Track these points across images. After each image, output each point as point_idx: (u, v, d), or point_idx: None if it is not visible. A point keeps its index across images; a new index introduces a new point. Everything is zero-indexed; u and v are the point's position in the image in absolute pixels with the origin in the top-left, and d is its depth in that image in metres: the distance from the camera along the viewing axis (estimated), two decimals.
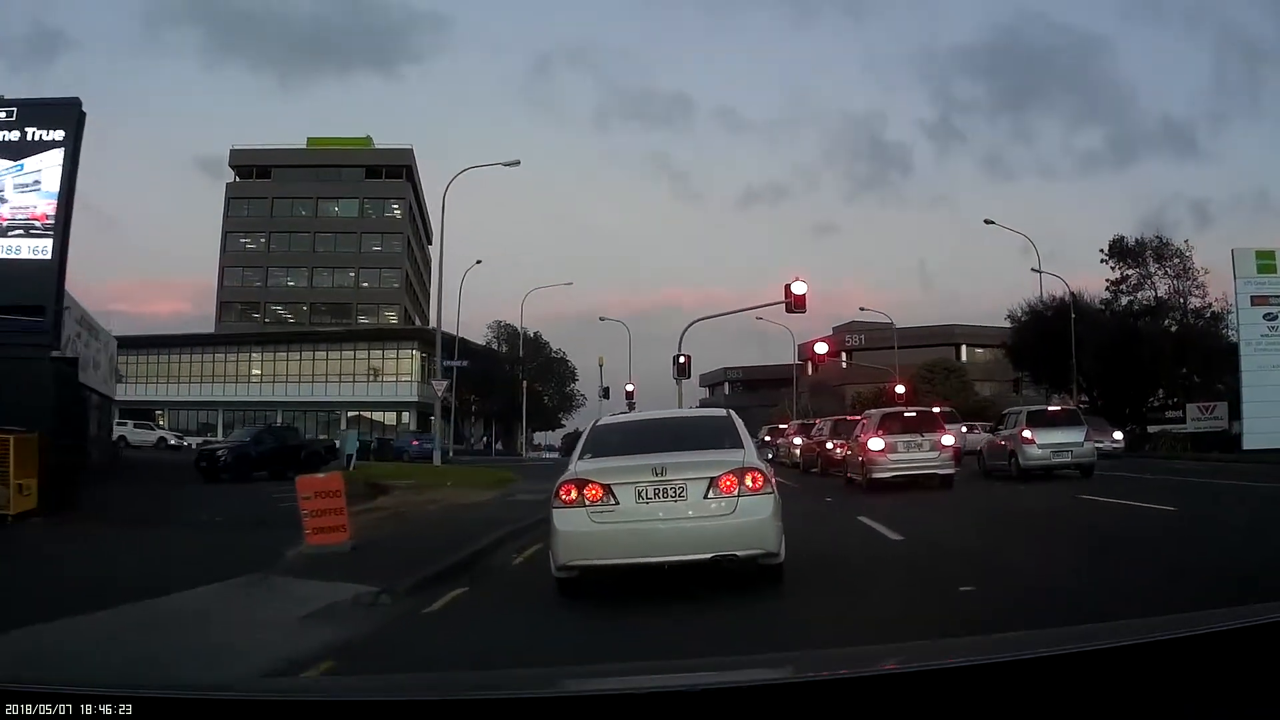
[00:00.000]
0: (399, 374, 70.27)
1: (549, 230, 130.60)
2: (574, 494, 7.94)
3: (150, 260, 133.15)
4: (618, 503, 7.86)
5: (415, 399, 68.98)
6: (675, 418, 11.21)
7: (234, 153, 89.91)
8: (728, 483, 7.95)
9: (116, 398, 37.63)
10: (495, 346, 74.63)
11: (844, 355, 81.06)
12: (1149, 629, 2.04)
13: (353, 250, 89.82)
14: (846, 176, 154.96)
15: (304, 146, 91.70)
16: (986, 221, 48.35)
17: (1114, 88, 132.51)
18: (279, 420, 67.95)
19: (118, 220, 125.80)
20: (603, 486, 7.90)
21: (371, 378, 70.31)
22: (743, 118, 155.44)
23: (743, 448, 8.60)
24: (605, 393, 63.66)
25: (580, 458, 8.61)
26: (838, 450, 27.34)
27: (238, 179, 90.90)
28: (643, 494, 7.90)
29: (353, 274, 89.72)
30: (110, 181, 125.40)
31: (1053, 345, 44.46)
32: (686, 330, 39.06)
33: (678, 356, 37.48)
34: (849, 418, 30.97)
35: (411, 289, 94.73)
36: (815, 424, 34.48)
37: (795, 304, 32.78)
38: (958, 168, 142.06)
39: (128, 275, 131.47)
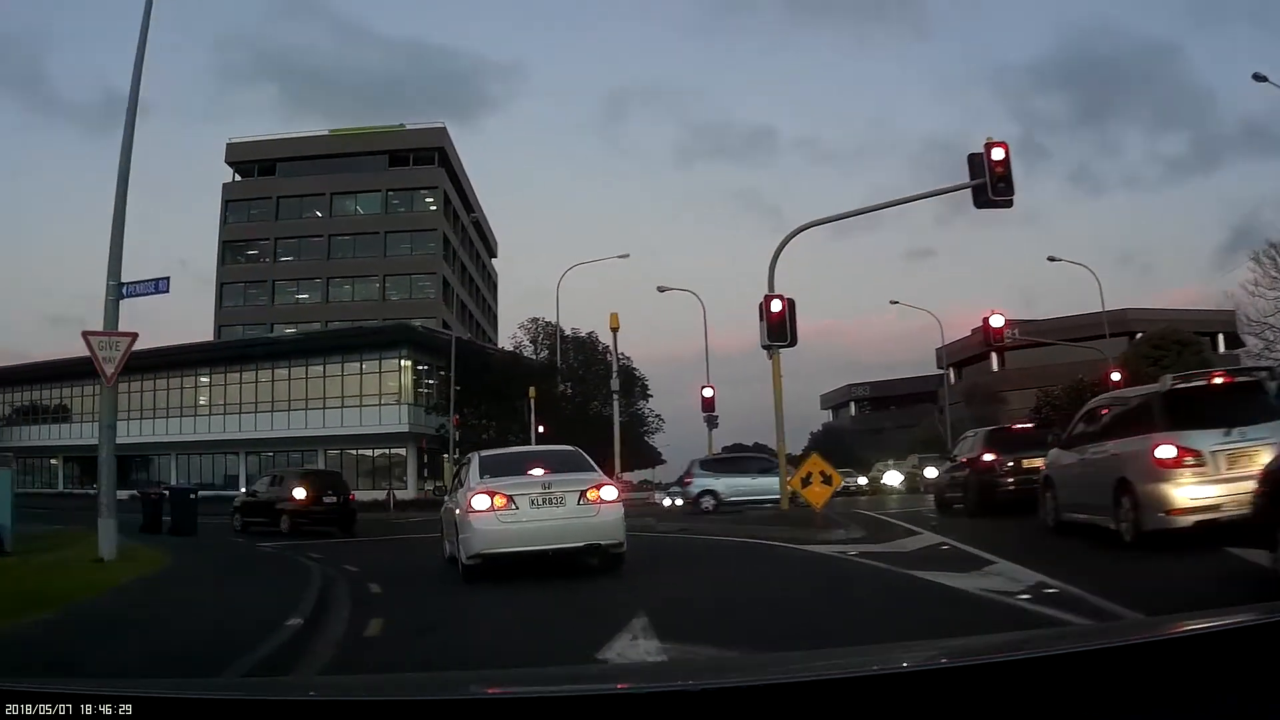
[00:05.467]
0: (382, 393, 52.71)
1: (633, 268, 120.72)
2: (485, 502, 11.01)
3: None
4: (517, 508, 11.03)
5: (406, 427, 51.70)
6: (539, 449, 17.02)
7: (231, 147, 75.41)
8: (593, 494, 11.33)
9: None
10: (533, 354, 55.99)
11: (994, 358, 70.74)
12: (1149, 629, 2.21)
13: (376, 255, 73.87)
14: (937, 200, 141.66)
15: (312, 134, 76.66)
16: (1050, 259, 44.27)
17: (1190, 92, 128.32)
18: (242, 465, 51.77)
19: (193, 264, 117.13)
20: (507, 496, 11.07)
21: (343, 401, 52.55)
22: (825, 147, 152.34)
23: (596, 470, 12.15)
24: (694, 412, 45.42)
25: (481, 478, 11.64)
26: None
27: (237, 177, 76.29)
28: (535, 502, 11.13)
29: (377, 284, 73.69)
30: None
31: None
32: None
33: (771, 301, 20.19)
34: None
35: (455, 298, 78.07)
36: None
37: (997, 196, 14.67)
38: (1045, 184, 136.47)
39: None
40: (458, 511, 11.70)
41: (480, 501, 10.96)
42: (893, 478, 43.90)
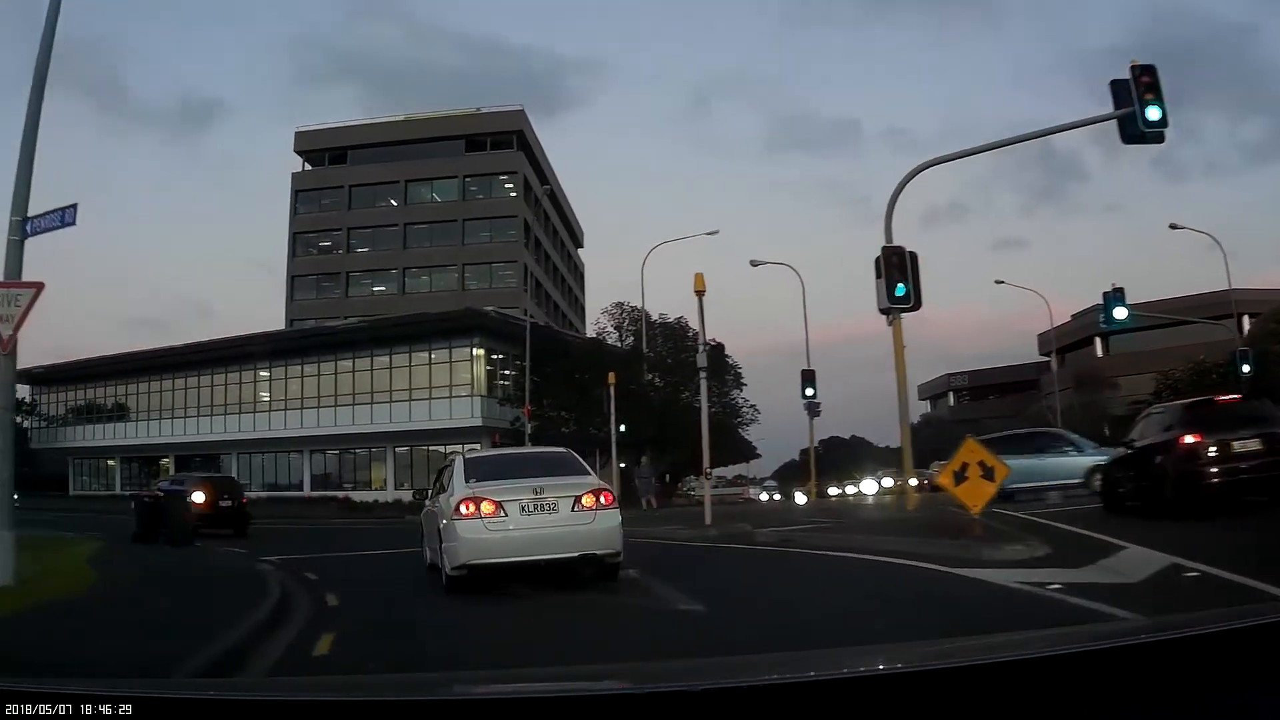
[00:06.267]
0: (453, 384, 47.97)
1: (721, 260, 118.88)
2: (472, 508, 10.15)
3: None
4: (507, 515, 10.15)
5: (480, 421, 46.71)
6: (528, 452, 16.92)
7: (300, 135, 72.46)
8: (588, 500, 10.43)
9: None
10: (619, 341, 51.07)
11: (1098, 343, 69.68)
12: (1150, 629, 2.19)
13: (454, 244, 69.94)
14: (1021, 188, 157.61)
15: (384, 120, 73.25)
16: (1172, 226, 41.44)
17: (1271, 73, 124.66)
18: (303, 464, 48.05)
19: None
20: (495, 503, 10.17)
21: (410, 394, 47.97)
22: (909, 137, 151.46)
23: (591, 474, 11.45)
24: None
25: (467, 482, 10.64)
26: None
27: (307, 166, 73.20)
28: (526, 508, 10.22)
29: (456, 273, 69.72)
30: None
31: None
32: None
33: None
34: None
35: (539, 287, 73.80)
36: None
37: None
38: (1126, 172, 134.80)
39: None
40: (442, 519, 10.89)
41: (467, 507, 10.31)
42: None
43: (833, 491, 56.14)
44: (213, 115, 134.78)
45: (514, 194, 71.57)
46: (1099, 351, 70.40)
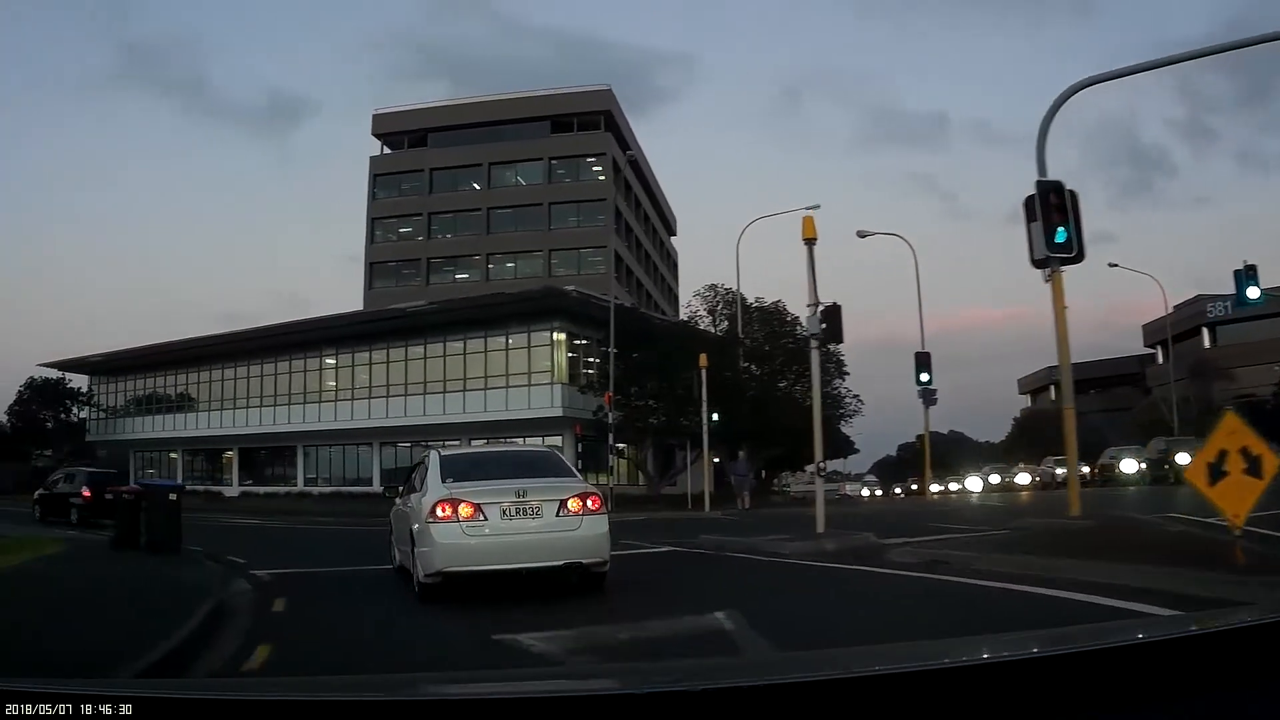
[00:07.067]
0: (532, 371, 43.77)
1: (803, 267, 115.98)
2: (449, 511, 9.30)
3: None
4: (486, 519, 9.33)
5: (560, 410, 42.62)
6: (509, 450, 14.74)
7: (378, 118, 69.87)
8: (574, 504, 9.59)
9: None
10: (712, 325, 46.80)
11: (1205, 333, 69.82)
12: (1150, 629, 2.21)
13: (540, 229, 66.51)
14: (1110, 182, 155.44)
15: (466, 101, 70.24)
16: None
17: None
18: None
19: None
20: (474, 505, 9.34)
21: (485, 381, 44.16)
22: (996, 130, 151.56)
23: (576, 475, 10.81)
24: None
25: (443, 481, 9.80)
26: None
27: (386, 150, 70.57)
28: (506, 512, 9.40)
29: (542, 259, 66.26)
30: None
31: None
32: None
33: None
34: None
35: (629, 275, 69.95)
36: None
37: None
38: (1214, 166, 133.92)
39: None
40: (414, 521, 9.98)
41: (443, 510, 9.40)
42: (1128, 465, 40.59)
43: (934, 489, 52.99)
44: (300, 113, 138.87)
45: (602, 177, 67.77)
46: (1206, 342, 69.79)
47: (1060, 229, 14.52)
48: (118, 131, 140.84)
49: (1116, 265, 52.46)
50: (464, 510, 9.31)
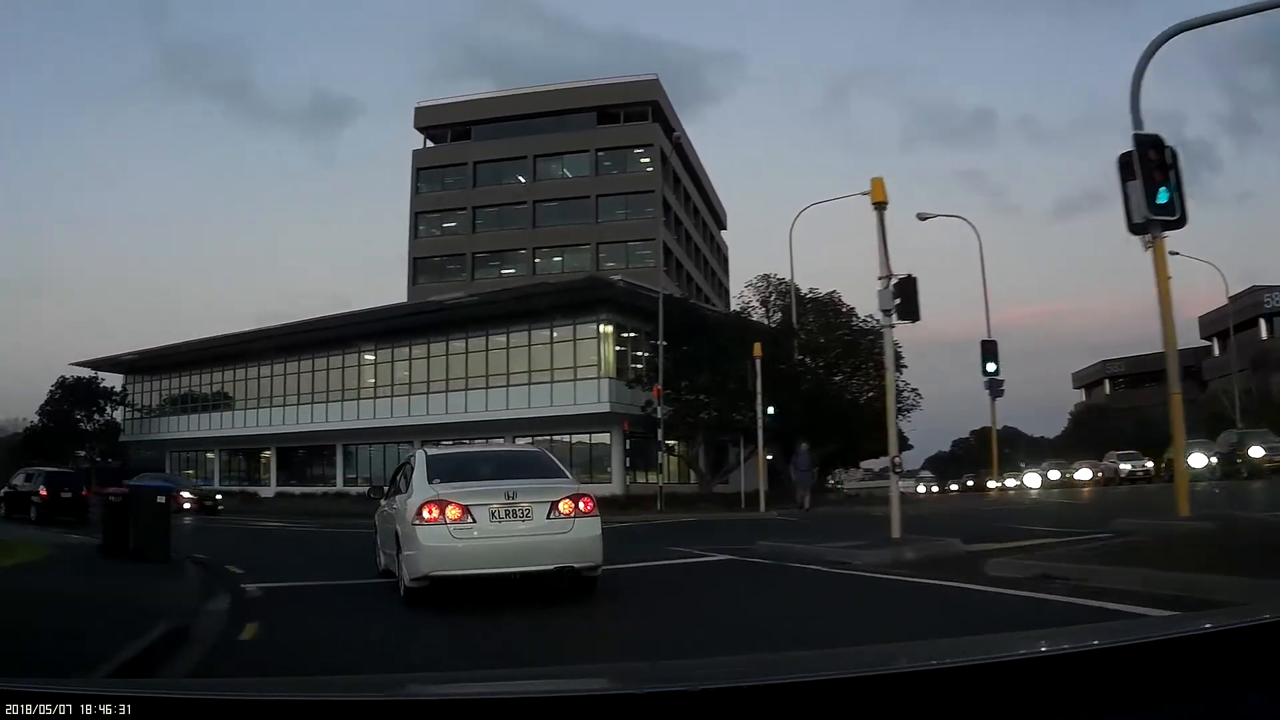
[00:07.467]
0: (577, 365, 42.10)
1: (857, 258, 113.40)
2: (436, 513, 8.98)
3: None
4: (474, 521, 9.01)
5: (608, 406, 40.69)
6: (498, 450, 14.21)
7: (420, 111, 68.56)
8: (566, 506, 9.25)
9: None
10: (765, 317, 44.68)
11: (1263, 324, 69.25)
12: (1149, 629, 2.14)
13: (587, 222, 64.74)
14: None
15: (509, 93, 68.67)
16: None
17: None
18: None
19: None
20: (462, 507, 9.01)
21: (529, 376, 42.34)
22: (1043, 126, 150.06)
23: (568, 476, 10.22)
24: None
25: (430, 482, 9.45)
26: None
27: (428, 143, 69.19)
28: (496, 514, 9.09)
29: (589, 253, 64.45)
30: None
31: None
32: None
33: None
34: None
35: (679, 268, 67.90)
36: None
37: None
38: (1259, 159, 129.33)
39: None
40: (400, 523, 9.66)
41: (430, 512, 9.09)
42: (1196, 460, 38.10)
43: (991, 485, 52.23)
44: (344, 114, 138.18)
45: (650, 168, 65.85)
46: (1263, 333, 68.99)
47: (1162, 189, 13.39)
48: (156, 133, 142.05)
49: (1177, 254, 49.97)
50: (452, 512, 9.02)
